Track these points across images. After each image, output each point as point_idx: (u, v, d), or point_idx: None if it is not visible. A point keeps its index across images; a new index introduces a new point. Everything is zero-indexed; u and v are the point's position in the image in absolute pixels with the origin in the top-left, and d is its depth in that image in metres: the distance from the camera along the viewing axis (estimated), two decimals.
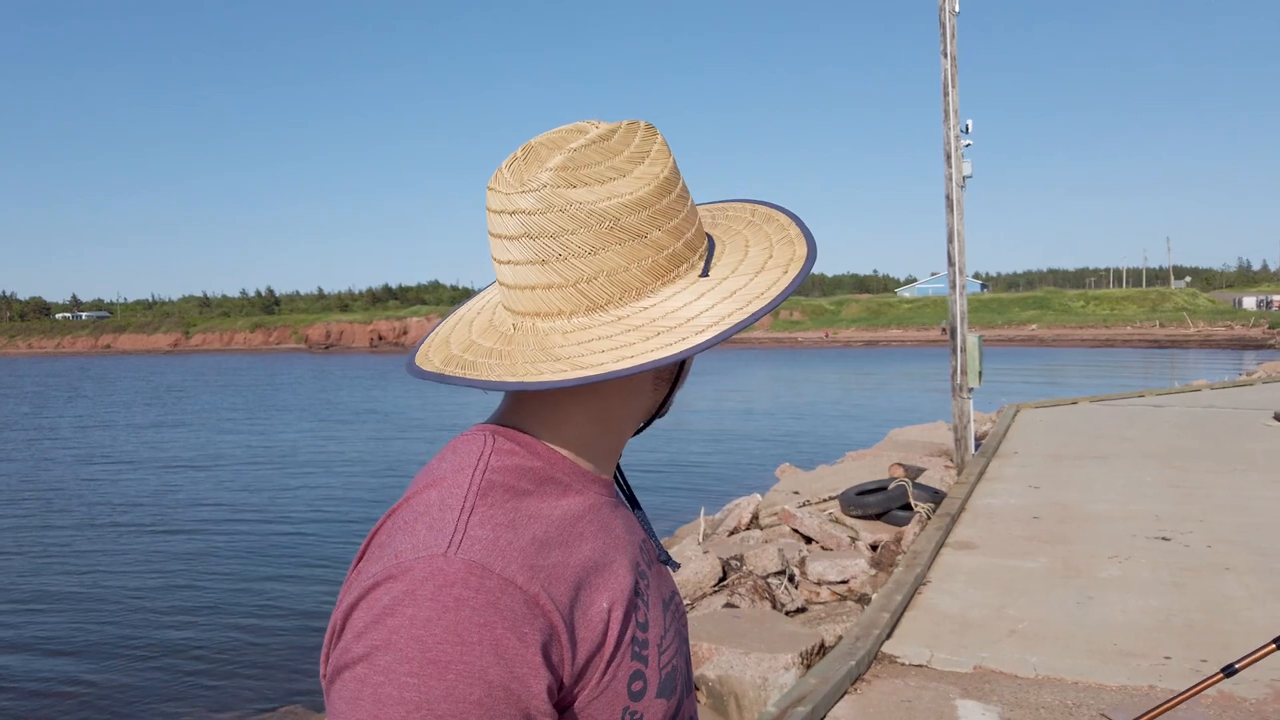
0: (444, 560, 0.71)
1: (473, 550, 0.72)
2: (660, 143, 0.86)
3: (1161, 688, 4.70)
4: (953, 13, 11.20)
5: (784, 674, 4.98)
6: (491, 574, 0.71)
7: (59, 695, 8.20)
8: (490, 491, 0.79)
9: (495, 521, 0.76)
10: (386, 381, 50.65)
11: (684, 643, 0.99)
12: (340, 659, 0.70)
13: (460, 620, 0.69)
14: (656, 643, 0.87)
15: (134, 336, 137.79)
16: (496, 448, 0.84)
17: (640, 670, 0.83)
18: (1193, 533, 7.76)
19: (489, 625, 0.69)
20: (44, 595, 11.26)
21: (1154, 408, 17.52)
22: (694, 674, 5.24)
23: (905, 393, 35.46)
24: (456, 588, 0.70)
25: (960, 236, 11.51)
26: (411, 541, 0.74)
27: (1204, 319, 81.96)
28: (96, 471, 21.71)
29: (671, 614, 0.95)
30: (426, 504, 0.78)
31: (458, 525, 0.74)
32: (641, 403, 0.91)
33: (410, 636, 0.68)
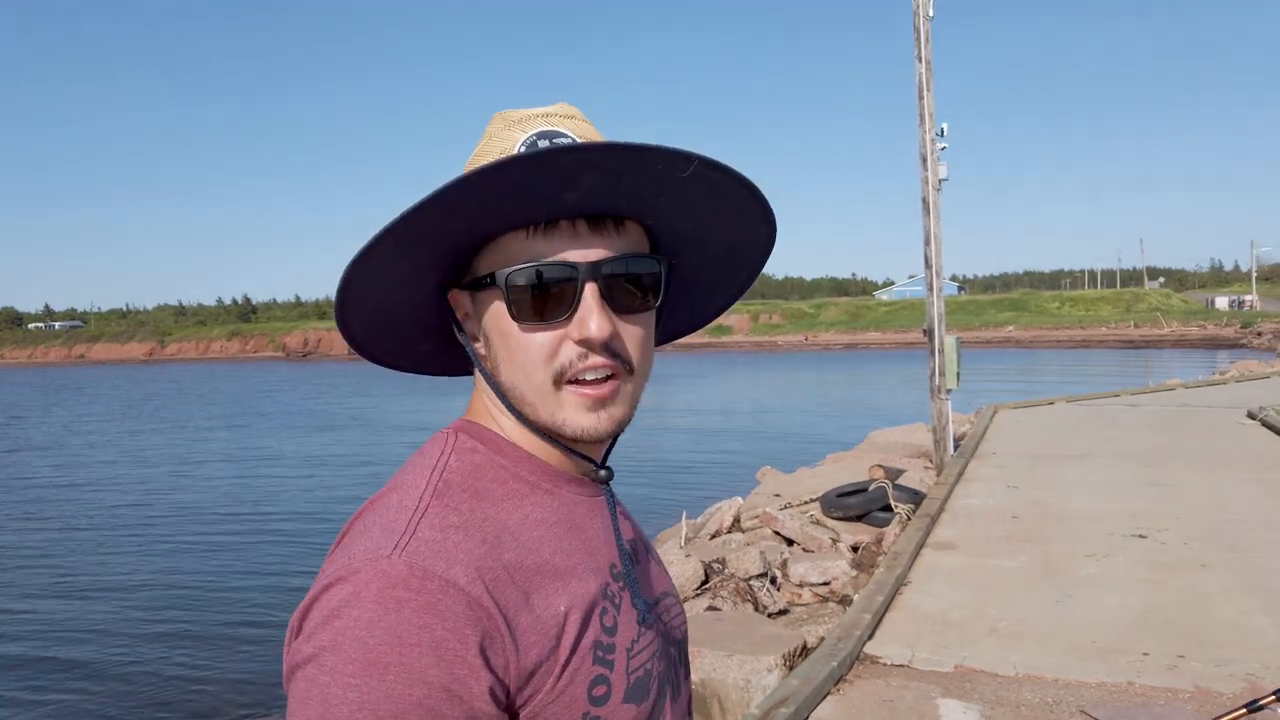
0: (388, 563, 0.73)
1: (417, 552, 0.74)
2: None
3: (1140, 684, 4.75)
4: (927, 18, 11.30)
5: (767, 675, 4.99)
6: (433, 576, 0.73)
7: (50, 705, 8.11)
8: (446, 493, 0.81)
9: (446, 523, 0.78)
10: (368, 387, 50.34)
11: (672, 645, 0.97)
12: (293, 659, 0.73)
13: (400, 622, 0.71)
14: (625, 647, 0.86)
15: (108, 346, 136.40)
16: (458, 446, 0.87)
17: (603, 675, 0.82)
18: (1169, 530, 7.84)
19: (428, 627, 0.71)
20: (32, 607, 11.12)
21: (1130, 407, 17.70)
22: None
23: (885, 394, 35.65)
24: (398, 589, 0.72)
25: (937, 239, 11.59)
26: (365, 544, 0.76)
27: (1178, 319, 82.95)
28: (82, 480, 21.45)
29: (654, 617, 0.93)
30: (386, 506, 0.81)
31: (407, 528, 0.76)
32: (523, 355, 0.84)
33: (353, 638, 0.70)
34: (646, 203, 0.84)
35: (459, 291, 0.89)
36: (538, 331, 0.83)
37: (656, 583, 1.00)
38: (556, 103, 0.90)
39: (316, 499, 17.80)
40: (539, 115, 0.88)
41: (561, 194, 0.79)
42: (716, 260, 0.97)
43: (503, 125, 0.88)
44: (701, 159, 0.78)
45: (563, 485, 0.89)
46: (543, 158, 0.74)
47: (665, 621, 0.97)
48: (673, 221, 0.88)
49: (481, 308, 0.87)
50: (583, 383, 0.84)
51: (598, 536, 0.89)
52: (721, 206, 0.87)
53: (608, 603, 0.86)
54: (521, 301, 0.82)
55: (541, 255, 0.82)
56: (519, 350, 0.84)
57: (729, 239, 0.93)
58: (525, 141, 0.85)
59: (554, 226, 0.82)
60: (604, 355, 0.83)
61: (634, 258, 0.85)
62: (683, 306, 1.02)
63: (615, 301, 0.84)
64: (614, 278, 0.84)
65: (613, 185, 0.79)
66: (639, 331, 0.87)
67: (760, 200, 0.87)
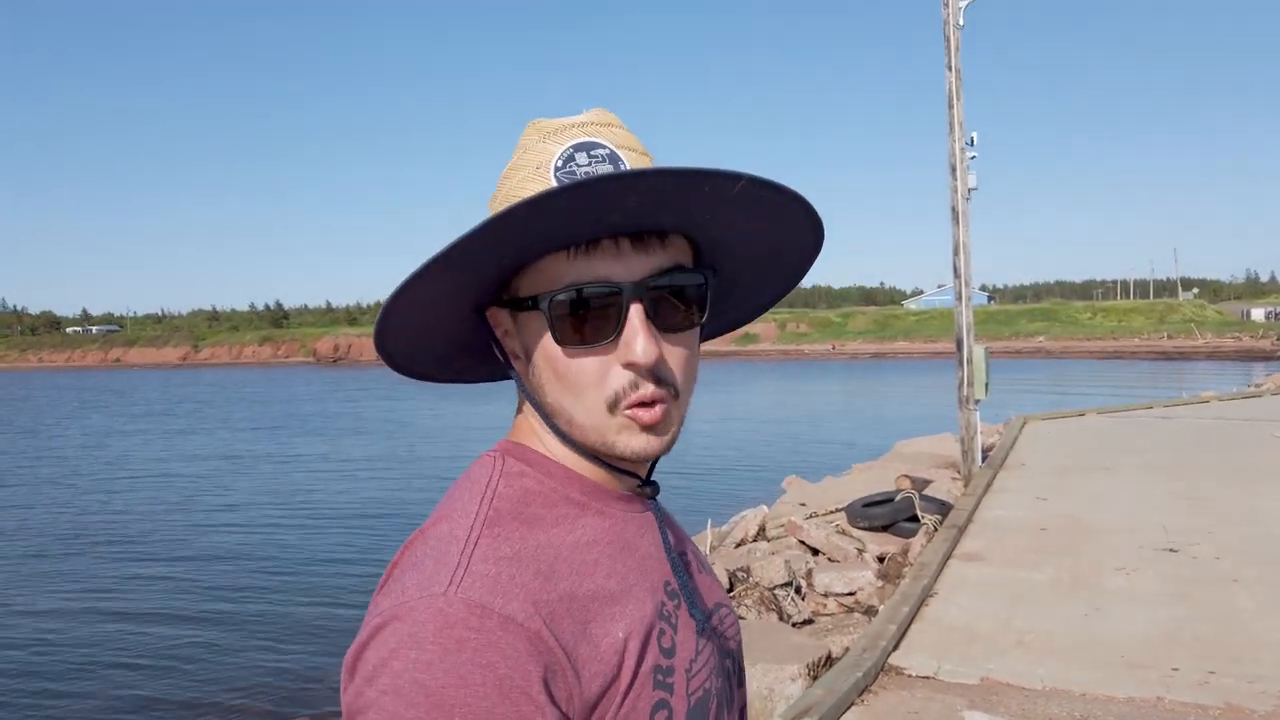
0: (444, 600, 0.72)
1: (474, 589, 0.73)
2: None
3: (1169, 700, 4.70)
4: (957, 27, 11.26)
5: (790, 685, 4.99)
6: (492, 613, 0.72)
7: (64, 707, 8.23)
8: (498, 522, 0.80)
9: (499, 555, 0.77)
10: (403, 392, 50.73)
11: (727, 657, 0.96)
12: (354, 703, 0.72)
13: (462, 662, 0.70)
14: (684, 668, 0.84)
15: (144, 350, 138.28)
16: (505, 471, 0.85)
17: (664, 700, 0.81)
18: (1200, 544, 7.74)
19: (491, 665, 0.70)
20: (57, 607, 11.32)
21: (1162, 419, 17.48)
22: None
23: (912, 404, 35.39)
24: (458, 629, 0.71)
25: (966, 248, 11.53)
26: (418, 578, 0.75)
27: (1212, 330, 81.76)
28: (121, 484, 21.80)
29: (710, 631, 0.92)
30: (436, 537, 0.80)
31: (460, 561, 0.75)
32: (576, 381, 0.83)
33: (414, 681, 0.69)
34: (692, 218, 0.82)
35: (498, 310, 0.88)
36: (584, 356, 0.82)
37: (710, 594, 0.99)
38: (592, 109, 0.88)
39: (372, 499, 17.99)
40: (575, 125, 0.85)
41: (603, 216, 0.77)
42: (760, 264, 0.95)
43: (537, 136, 0.85)
44: (750, 178, 0.76)
45: (611, 504, 0.88)
46: (588, 186, 0.72)
47: (721, 633, 0.96)
48: (718, 233, 0.86)
49: (523, 328, 0.86)
50: (635, 406, 0.82)
51: (650, 554, 0.89)
52: (768, 218, 0.86)
53: (664, 623, 0.85)
54: (565, 325, 0.81)
55: (584, 275, 0.80)
56: (567, 374, 0.83)
57: (775, 245, 0.91)
58: (562, 154, 0.83)
59: (595, 245, 0.80)
60: (652, 383, 0.82)
61: (679, 271, 0.83)
62: (725, 307, 1.01)
63: (660, 320, 0.82)
64: (659, 296, 0.82)
65: (658, 206, 0.77)
66: (682, 351, 0.85)
67: (808, 210, 0.85)
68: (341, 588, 11.71)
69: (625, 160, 0.83)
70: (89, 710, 8.15)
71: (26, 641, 10.03)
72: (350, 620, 10.09)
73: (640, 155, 0.86)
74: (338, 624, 10.13)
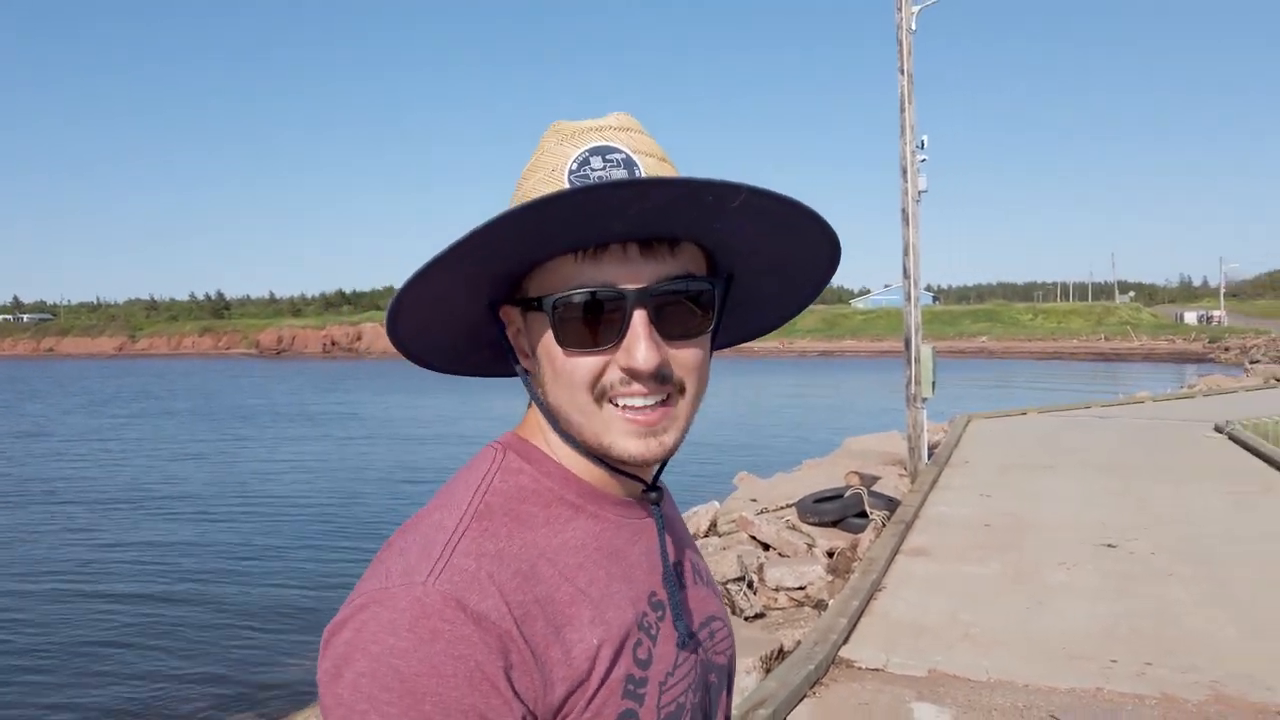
0: (423, 590, 0.74)
1: (452, 582, 0.75)
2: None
3: (1108, 690, 4.85)
4: (910, 31, 11.44)
5: (745, 678, 5.04)
6: (466, 608, 0.74)
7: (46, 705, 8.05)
8: (488, 516, 0.82)
9: (482, 551, 0.78)
10: (343, 386, 49.99)
11: (713, 672, 0.96)
12: (328, 678, 0.74)
13: (436, 653, 0.72)
14: (659, 680, 0.85)
15: (78, 340, 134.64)
16: (504, 466, 0.87)
17: (632, 710, 0.81)
18: (1137, 540, 7.98)
19: (463, 658, 0.72)
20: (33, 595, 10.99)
21: (1100, 419, 17.96)
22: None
23: (860, 402, 35.88)
24: (433, 620, 0.73)
25: (916, 250, 11.73)
26: (403, 565, 0.77)
27: (1147, 333, 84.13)
28: (78, 470, 21.17)
29: (695, 644, 0.92)
30: (429, 525, 0.81)
31: (443, 552, 0.77)
32: (568, 378, 0.84)
33: (389, 666, 0.72)
34: (700, 226, 0.82)
35: (510, 307, 0.89)
36: (583, 357, 0.82)
37: (703, 607, 0.98)
38: (610, 113, 0.89)
39: (332, 490, 17.72)
40: (593, 129, 0.86)
41: (609, 222, 0.77)
42: (779, 274, 0.95)
43: (556, 139, 0.86)
44: (750, 189, 0.76)
45: (607, 508, 0.89)
46: (589, 192, 0.73)
47: (708, 648, 0.96)
48: (730, 241, 0.86)
49: (531, 327, 0.87)
50: (632, 408, 0.83)
51: (639, 563, 0.89)
52: (779, 228, 0.85)
53: (643, 634, 0.85)
54: (568, 327, 0.82)
55: (591, 279, 0.81)
56: (563, 373, 0.84)
57: (789, 256, 0.91)
58: (578, 157, 0.84)
59: (604, 250, 0.81)
60: (651, 382, 0.82)
61: (686, 279, 0.83)
62: (748, 314, 1.02)
63: (666, 326, 0.82)
64: (665, 302, 0.82)
65: (662, 214, 0.78)
66: (692, 354, 0.85)
67: (819, 222, 0.85)
68: (307, 572, 11.89)
69: (641, 165, 0.83)
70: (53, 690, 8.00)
71: None
72: (323, 601, 10.12)
73: (658, 161, 0.86)
74: (307, 604, 10.30)
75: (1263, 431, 14.66)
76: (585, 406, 0.84)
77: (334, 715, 0.73)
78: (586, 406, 0.84)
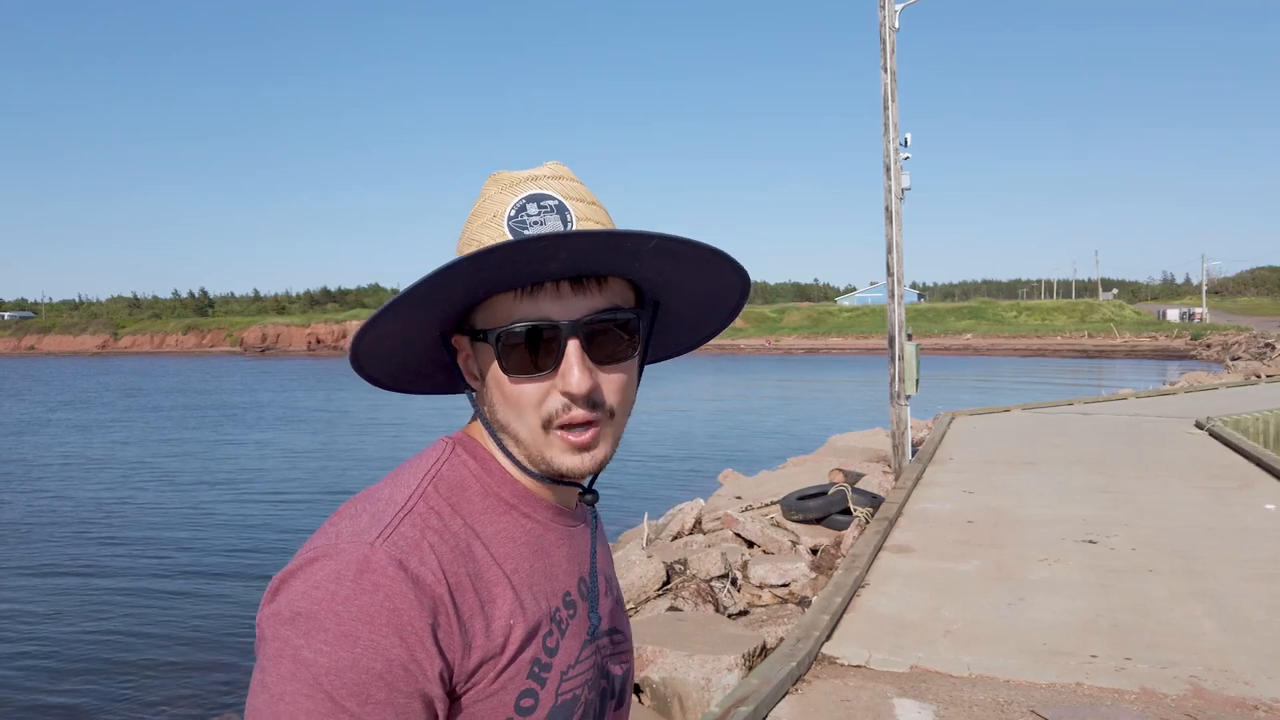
0: (369, 548, 0.84)
1: (397, 546, 0.85)
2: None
3: (1089, 685, 4.87)
4: (893, 29, 11.46)
5: (727, 675, 5.05)
6: (407, 569, 0.84)
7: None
8: (433, 496, 0.92)
9: (425, 525, 0.88)
10: (329, 384, 49.72)
11: (605, 678, 1.05)
12: (271, 617, 0.83)
13: (373, 603, 0.81)
14: (561, 670, 0.95)
15: (60, 337, 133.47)
16: (452, 458, 0.98)
17: (533, 689, 0.92)
18: (1118, 536, 8.03)
19: (396, 611, 0.82)
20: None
21: (1082, 415, 18.05)
22: (637, 677, 5.28)
23: (845, 399, 36.00)
24: (375, 574, 0.82)
25: (899, 247, 11.76)
26: (353, 527, 0.87)
27: (1130, 330, 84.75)
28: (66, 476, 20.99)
29: (596, 647, 1.03)
30: (378, 498, 0.91)
31: (392, 521, 0.87)
32: (515, 402, 0.94)
33: (329, 610, 0.81)
34: (621, 266, 0.93)
35: (460, 336, 1.00)
36: (527, 383, 0.93)
37: (610, 619, 1.09)
38: (546, 163, 1.00)
39: (323, 484, 17.63)
40: (529, 178, 0.97)
41: (541, 266, 0.88)
42: (699, 302, 1.05)
43: (496, 188, 0.97)
44: (661, 237, 0.88)
45: (539, 511, 0.99)
46: (519, 246, 0.84)
47: (607, 654, 1.06)
48: (652, 276, 0.97)
49: (479, 355, 0.98)
50: (569, 428, 0.93)
51: (560, 565, 1.00)
52: (693, 266, 0.96)
53: (554, 626, 0.96)
54: (511, 357, 0.92)
55: (529, 314, 0.91)
56: (511, 397, 0.94)
57: (705, 287, 1.02)
58: (515, 204, 0.94)
59: (540, 288, 0.91)
60: (585, 407, 0.92)
61: (613, 311, 0.93)
62: (670, 337, 1.13)
63: (597, 353, 0.93)
64: (595, 331, 0.93)
65: (587, 258, 0.88)
66: (620, 378, 0.96)
67: (728, 261, 0.95)
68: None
69: (572, 210, 0.95)
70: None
71: None
72: None
73: (588, 205, 0.97)
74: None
75: (1242, 428, 14.79)
76: (533, 429, 0.94)
77: (270, 647, 0.81)
78: (534, 430, 0.94)
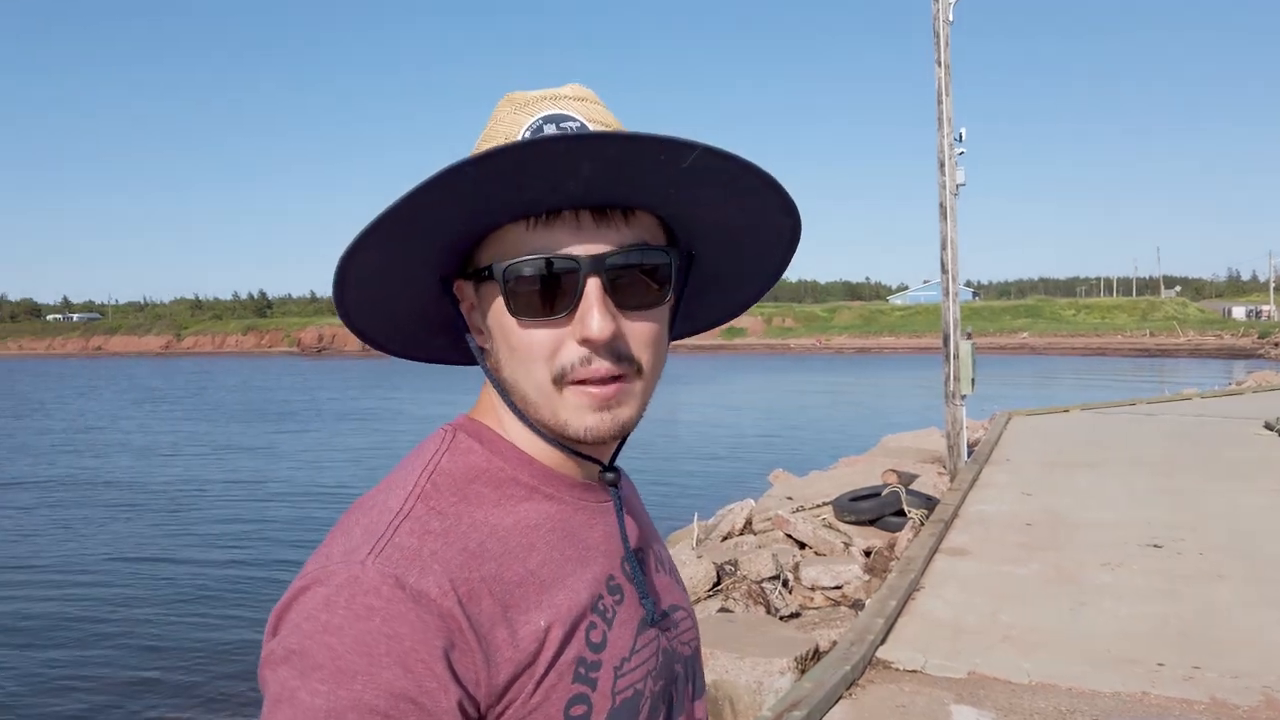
0: (360, 568, 0.72)
1: (390, 559, 0.73)
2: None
3: (1155, 694, 4.72)
4: (946, 22, 11.27)
5: (779, 678, 4.99)
6: (405, 585, 0.72)
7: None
8: (434, 495, 0.80)
9: (426, 529, 0.76)
10: (387, 383, 50.52)
11: (677, 662, 0.93)
12: (266, 658, 0.73)
13: (370, 630, 0.70)
14: (614, 664, 0.82)
15: (125, 338, 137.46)
16: (453, 446, 0.85)
17: (584, 694, 0.79)
18: (1185, 540, 7.79)
19: (397, 637, 0.70)
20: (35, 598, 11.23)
21: (1145, 416, 17.60)
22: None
23: (897, 399, 35.55)
24: (369, 597, 0.71)
25: (954, 245, 11.56)
26: (345, 545, 0.76)
27: (1194, 328, 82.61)
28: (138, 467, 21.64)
29: (655, 633, 0.89)
30: (371, 506, 0.80)
31: (386, 531, 0.75)
32: (525, 352, 0.81)
33: (323, 644, 0.70)
34: (654, 193, 0.79)
35: (463, 282, 0.86)
36: (537, 328, 0.80)
37: (666, 594, 0.96)
38: (568, 84, 0.86)
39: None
40: (547, 98, 0.84)
41: (559, 183, 0.74)
42: (739, 253, 0.91)
43: (509, 109, 0.84)
44: (705, 148, 0.73)
45: (564, 490, 0.86)
46: (534, 146, 0.70)
47: (670, 636, 0.93)
48: (688, 212, 0.83)
49: (484, 301, 0.84)
50: (586, 382, 0.80)
51: (596, 546, 0.86)
52: (737, 197, 0.82)
53: (597, 616, 0.82)
54: (520, 296, 0.79)
55: (543, 248, 0.78)
56: (519, 347, 0.81)
57: (749, 230, 0.88)
58: (530, 126, 0.81)
59: (556, 217, 0.78)
60: (608, 358, 0.79)
61: (641, 249, 0.80)
62: (705, 300, 0.98)
63: (621, 297, 0.79)
64: (620, 272, 0.79)
65: (614, 175, 0.74)
66: (648, 328, 0.82)
67: (778, 190, 0.82)
68: None
69: None
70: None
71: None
72: None
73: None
74: None
75: None
76: (542, 385, 0.81)
77: (270, 691, 0.72)
78: (544, 385, 0.81)
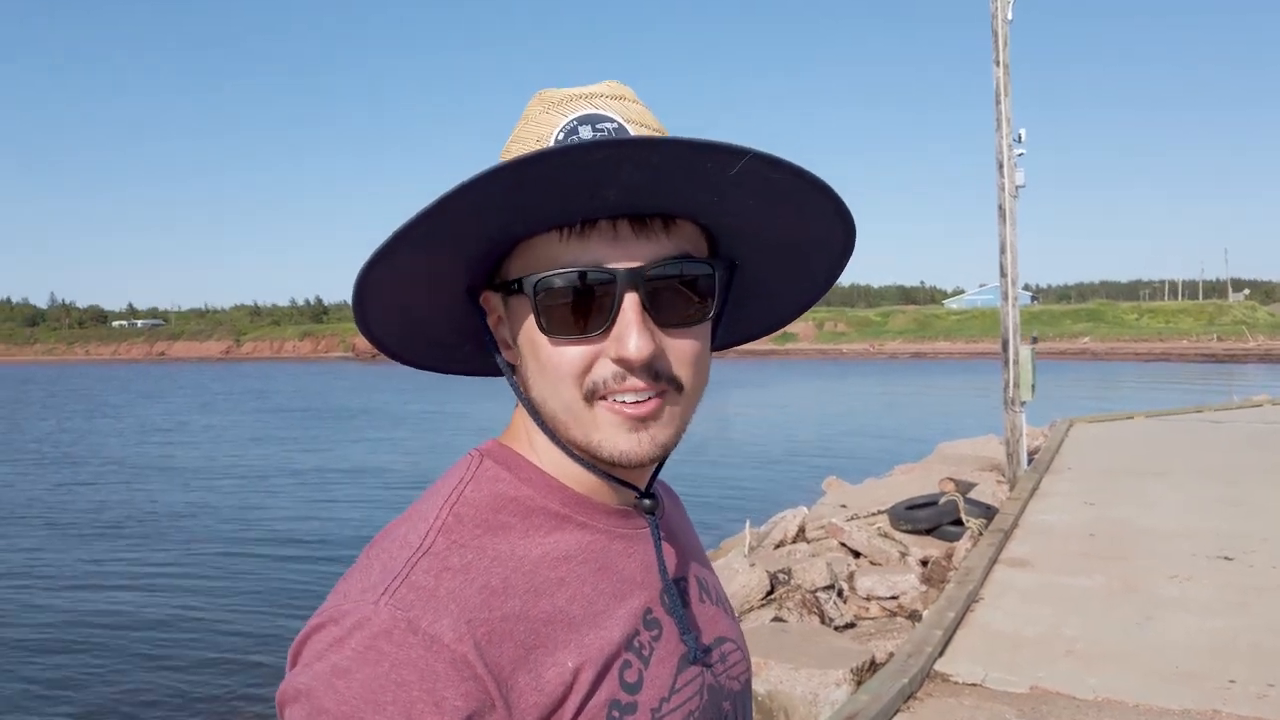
0: (373, 609, 0.69)
1: (404, 600, 0.70)
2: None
3: (1226, 712, 4.56)
4: (1005, 20, 11.07)
5: (835, 690, 4.92)
6: (417, 629, 0.68)
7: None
8: (456, 528, 0.76)
9: (445, 566, 0.72)
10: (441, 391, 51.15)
11: (725, 699, 0.88)
12: (283, 692, 0.70)
13: (377, 676, 0.66)
14: (651, 706, 0.77)
15: (187, 344, 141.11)
16: (479, 474, 0.80)
17: None
18: (1256, 552, 7.53)
19: (405, 684, 0.66)
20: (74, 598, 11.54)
21: (1213, 423, 17.07)
22: None
23: (953, 406, 34.97)
24: (380, 641, 0.68)
25: (1013, 248, 11.34)
26: (362, 582, 0.73)
27: (1264, 332, 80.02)
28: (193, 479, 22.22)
29: (700, 668, 0.84)
30: (392, 540, 0.76)
31: (403, 569, 0.72)
32: (554, 371, 0.76)
33: (329, 688, 0.67)
34: (697, 201, 0.74)
35: (491, 293, 0.82)
36: (570, 345, 0.75)
37: (712, 626, 0.90)
38: (603, 81, 0.82)
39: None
40: (582, 96, 0.79)
41: (596, 191, 0.69)
42: (787, 261, 0.86)
43: (541, 107, 0.79)
44: (755, 154, 0.68)
45: (598, 518, 0.81)
46: (569, 153, 0.66)
47: (717, 672, 0.87)
48: (733, 220, 0.78)
49: (513, 315, 0.80)
50: (623, 402, 0.75)
51: (633, 577, 0.81)
52: (787, 204, 0.77)
53: (632, 655, 0.78)
54: (551, 312, 0.74)
55: (577, 259, 0.73)
56: (548, 364, 0.76)
57: (799, 239, 0.83)
58: (564, 127, 0.76)
59: (592, 227, 0.73)
60: (645, 377, 0.74)
61: (682, 261, 0.75)
62: (752, 310, 0.93)
63: (661, 313, 0.75)
64: (659, 286, 0.74)
65: (655, 182, 0.70)
66: (690, 345, 0.77)
67: (831, 197, 0.77)
68: None
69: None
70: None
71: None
72: None
73: (653, 133, 0.78)
74: None
75: None
76: (573, 404, 0.76)
77: None
78: (574, 404, 0.76)
